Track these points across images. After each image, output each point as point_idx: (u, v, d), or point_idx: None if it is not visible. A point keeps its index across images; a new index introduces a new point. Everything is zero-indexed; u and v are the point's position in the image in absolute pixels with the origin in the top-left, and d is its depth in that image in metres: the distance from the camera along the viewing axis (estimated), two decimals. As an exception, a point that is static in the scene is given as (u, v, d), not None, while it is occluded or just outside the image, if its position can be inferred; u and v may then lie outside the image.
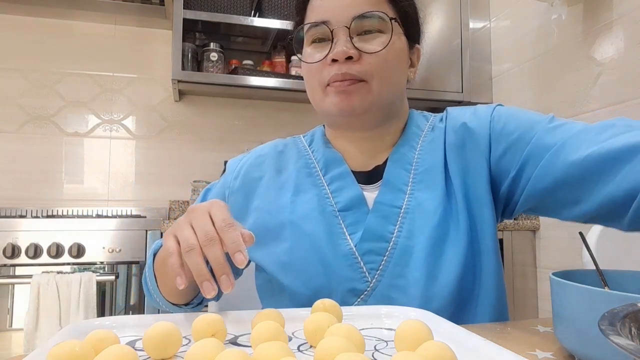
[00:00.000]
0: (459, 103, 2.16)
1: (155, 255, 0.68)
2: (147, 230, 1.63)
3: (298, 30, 0.69)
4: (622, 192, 0.52)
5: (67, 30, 2.14)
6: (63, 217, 1.89)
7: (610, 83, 1.53)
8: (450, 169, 0.67)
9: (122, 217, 1.89)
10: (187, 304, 0.66)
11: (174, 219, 1.82)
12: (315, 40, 0.66)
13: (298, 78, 2.04)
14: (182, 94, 2.20)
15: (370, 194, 0.67)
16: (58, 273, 1.47)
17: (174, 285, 0.62)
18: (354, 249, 0.63)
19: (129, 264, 1.60)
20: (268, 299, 0.71)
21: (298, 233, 0.66)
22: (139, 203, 2.15)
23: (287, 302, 0.65)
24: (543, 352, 0.45)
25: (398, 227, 0.64)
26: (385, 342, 0.46)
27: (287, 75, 2.08)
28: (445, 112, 0.74)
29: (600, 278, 0.50)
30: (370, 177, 0.70)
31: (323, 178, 0.70)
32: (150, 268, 0.67)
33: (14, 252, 1.48)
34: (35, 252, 1.49)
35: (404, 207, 0.65)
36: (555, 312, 0.45)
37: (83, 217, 1.88)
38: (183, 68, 1.96)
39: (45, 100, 2.09)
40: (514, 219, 1.85)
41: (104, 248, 1.57)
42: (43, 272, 1.48)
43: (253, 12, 2.08)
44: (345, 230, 0.65)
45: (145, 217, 1.97)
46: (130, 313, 1.59)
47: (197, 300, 0.67)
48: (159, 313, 0.67)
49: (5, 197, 2.00)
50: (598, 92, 1.58)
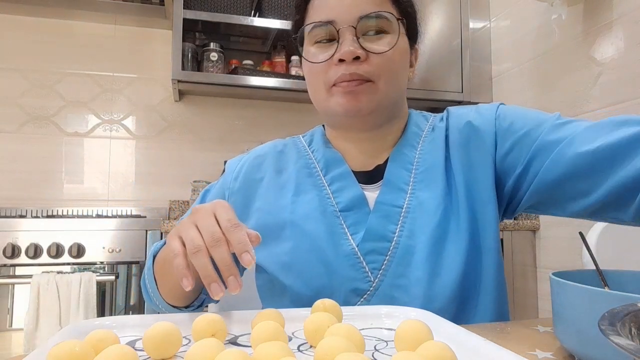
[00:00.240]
0: (459, 103, 2.16)
1: (155, 257, 0.67)
2: (147, 230, 1.63)
3: (302, 29, 0.68)
4: (631, 178, 0.52)
5: (67, 30, 2.14)
6: (63, 217, 1.89)
7: (610, 83, 1.53)
8: (454, 167, 0.67)
9: (122, 217, 1.89)
10: (187, 307, 0.66)
11: (174, 219, 1.82)
12: (320, 40, 0.66)
13: (298, 78, 2.04)
14: (182, 94, 2.20)
15: (371, 194, 0.67)
16: (58, 273, 1.47)
17: (175, 287, 0.62)
18: (356, 249, 0.63)
19: (129, 264, 1.60)
20: (269, 299, 0.71)
21: (299, 233, 0.66)
22: (139, 203, 2.15)
23: (288, 302, 0.65)
24: (543, 352, 0.45)
25: (400, 226, 0.64)
26: (385, 342, 0.46)
27: (287, 75, 2.08)
28: (446, 111, 0.74)
29: (600, 278, 0.50)
30: (371, 176, 0.70)
31: (324, 178, 0.70)
32: (150, 270, 0.66)
33: (14, 252, 1.48)
34: (35, 252, 1.49)
35: (405, 206, 0.65)
36: (555, 312, 0.45)
37: (83, 217, 1.88)
38: (183, 68, 1.96)
39: (45, 100, 2.09)
40: (514, 219, 1.85)
41: (104, 248, 1.57)
42: (43, 272, 1.48)
43: (253, 12, 2.08)
44: (347, 230, 0.65)
45: (145, 217, 1.97)
46: (130, 313, 1.59)
47: (197, 303, 0.66)
48: (159, 313, 0.67)
49: (5, 197, 2.00)
50: (598, 92, 1.58)
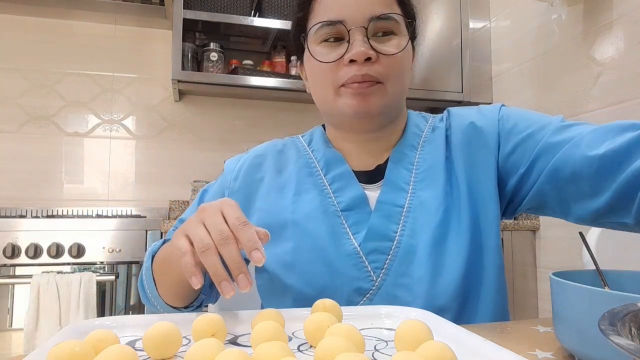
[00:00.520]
0: (459, 103, 2.16)
1: (154, 258, 0.67)
2: (147, 230, 1.63)
3: (309, 27, 0.67)
4: (635, 175, 0.52)
5: (67, 30, 2.14)
6: (63, 217, 1.89)
7: (610, 83, 1.53)
8: (455, 167, 0.67)
9: (122, 217, 1.89)
10: (186, 307, 0.66)
11: (174, 219, 1.82)
12: (327, 39, 0.65)
13: (298, 78, 2.03)
14: (182, 94, 2.20)
15: (372, 194, 0.68)
16: (58, 273, 1.47)
17: (175, 287, 0.62)
18: (358, 249, 0.63)
19: (129, 264, 1.60)
20: (269, 299, 0.71)
21: (301, 233, 0.66)
22: (139, 203, 2.15)
23: (289, 302, 0.65)
24: (543, 352, 0.45)
25: (401, 225, 0.64)
26: (385, 342, 0.46)
27: (287, 75, 2.08)
28: (447, 112, 0.74)
29: (600, 278, 0.50)
30: (372, 176, 0.70)
31: (324, 178, 0.70)
32: (149, 270, 0.66)
33: (14, 252, 1.48)
34: (35, 252, 1.49)
35: (407, 205, 0.65)
36: (555, 312, 0.45)
37: (83, 217, 1.88)
38: (183, 68, 1.96)
39: (45, 100, 2.09)
40: (514, 219, 1.85)
41: (104, 248, 1.57)
42: (43, 272, 1.47)
43: (253, 12, 2.08)
44: (349, 230, 0.65)
45: (145, 217, 1.97)
46: (130, 313, 1.59)
47: (197, 303, 0.66)
48: (159, 313, 0.66)
49: (5, 197, 2.00)
50: (598, 92, 1.58)
